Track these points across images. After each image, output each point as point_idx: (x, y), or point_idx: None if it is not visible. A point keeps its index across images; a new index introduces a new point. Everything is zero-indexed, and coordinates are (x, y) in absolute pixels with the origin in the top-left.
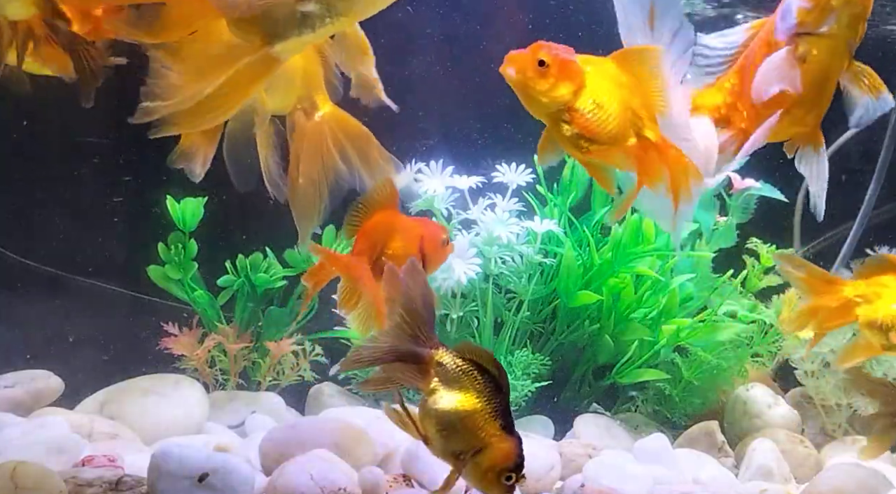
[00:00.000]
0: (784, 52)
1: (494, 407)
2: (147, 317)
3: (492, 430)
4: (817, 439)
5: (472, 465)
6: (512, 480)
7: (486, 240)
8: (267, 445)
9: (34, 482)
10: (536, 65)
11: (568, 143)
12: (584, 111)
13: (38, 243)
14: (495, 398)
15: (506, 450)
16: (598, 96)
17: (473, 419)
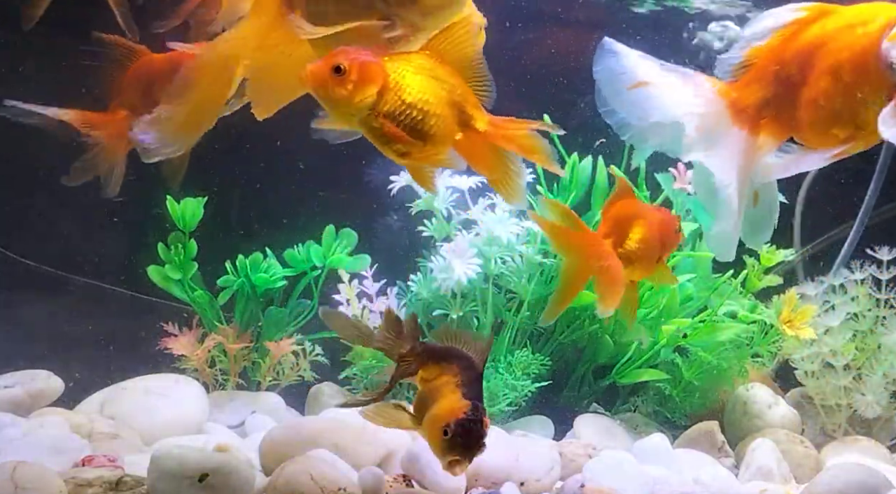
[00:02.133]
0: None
1: (460, 380)
2: (147, 317)
3: (450, 394)
4: (817, 439)
5: (424, 424)
6: (448, 435)
7: (486, 240)
8: (267, 445)
9: (34, 482)
10: (333, 72)
11: (387, 150)
12: (392, 112)
13: (37, 243)
14: (463, 373)
15: (451, 406)
16: (407, 95)
17: (440, 389)
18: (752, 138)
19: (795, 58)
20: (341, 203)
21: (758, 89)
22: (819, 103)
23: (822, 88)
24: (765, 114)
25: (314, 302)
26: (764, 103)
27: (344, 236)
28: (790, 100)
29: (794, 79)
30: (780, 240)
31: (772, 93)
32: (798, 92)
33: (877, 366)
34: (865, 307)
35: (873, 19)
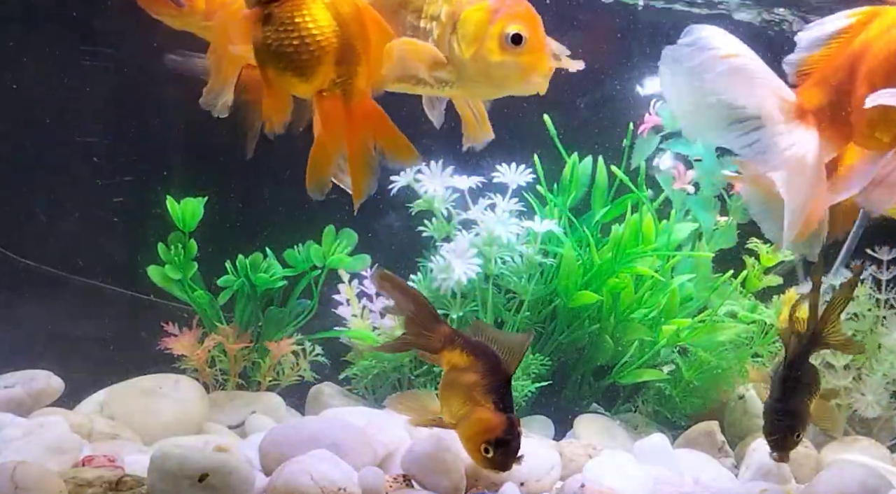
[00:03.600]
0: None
1: (490, 384)
2: (147, 317)
3: (483, 402)
4: (817, 439)
5: (459, 431)
6: (490, 453)
7: (486, 240)
8: (267, 445)
9: (34, 482)
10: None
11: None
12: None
13: (38, 243)
14: (492, 376)
15: (488, 420)
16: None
17: (469, 391)
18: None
19: (845, 63)
20: (341, 203)
21: (816, 95)
22: (862, 111)
23: (864, 93)
24: (823, 120)
25: (314, 302)
26: (822, 110)
27: (344, 236)
28: (843, 106)
29: (844, 85)
30: None
31: (828, 100)
32: (848, 98)
33: (877, 366)
34: (865, 307)
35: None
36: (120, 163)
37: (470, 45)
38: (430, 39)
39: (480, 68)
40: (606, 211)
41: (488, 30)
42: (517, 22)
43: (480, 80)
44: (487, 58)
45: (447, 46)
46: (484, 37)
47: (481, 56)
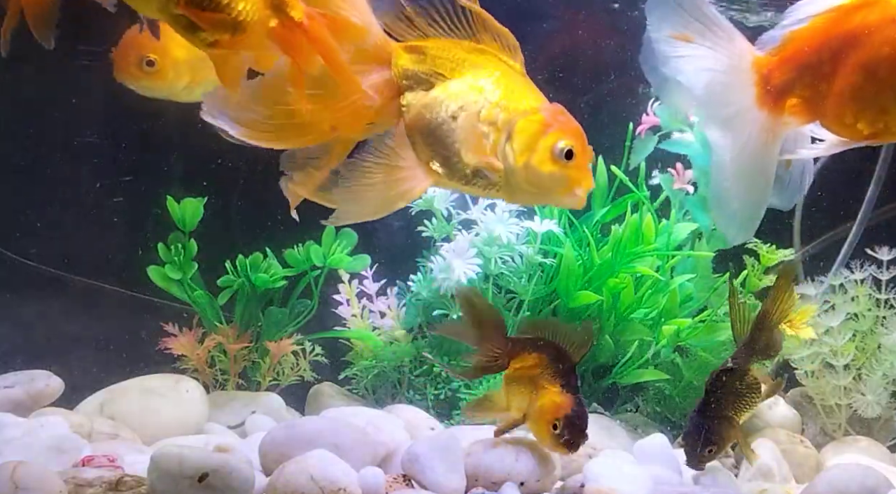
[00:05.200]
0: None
1: (554, 370)
2: (147, 317)
3: (550, 386)
4: (817, 439)
5: (529, 418)
6: (558, 430)
7: (486, 240)
8: (267, 445)
9: (34, 482)
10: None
11: (194, 40)
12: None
13: (38, 243)
14: (556, 363)
15: (555, 400)
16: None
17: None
18: (772, 119)
19: (832, 45)
20: None
21: (790, 69)
22: (849, 96)
23: (853, 82)
24: (793, 95)
25: (314, 302)
26: (793, 84)
27: (344, 236)
28: (821, 87)
29: (827, 67)
30: (781, 241)
31: (803, 76)
32: (830, 81)
33: (877, 366)
34: (865, 307)
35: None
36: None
37: (522, 154)
38: (487, 143)
39: (529, 177)
40: (606, 211)
41: (541, 141)
42: (568, 137)
43: (527, 187)
44: (537, 167)
45: (501, 152)
46: (536, 147)
47: (532, 165)
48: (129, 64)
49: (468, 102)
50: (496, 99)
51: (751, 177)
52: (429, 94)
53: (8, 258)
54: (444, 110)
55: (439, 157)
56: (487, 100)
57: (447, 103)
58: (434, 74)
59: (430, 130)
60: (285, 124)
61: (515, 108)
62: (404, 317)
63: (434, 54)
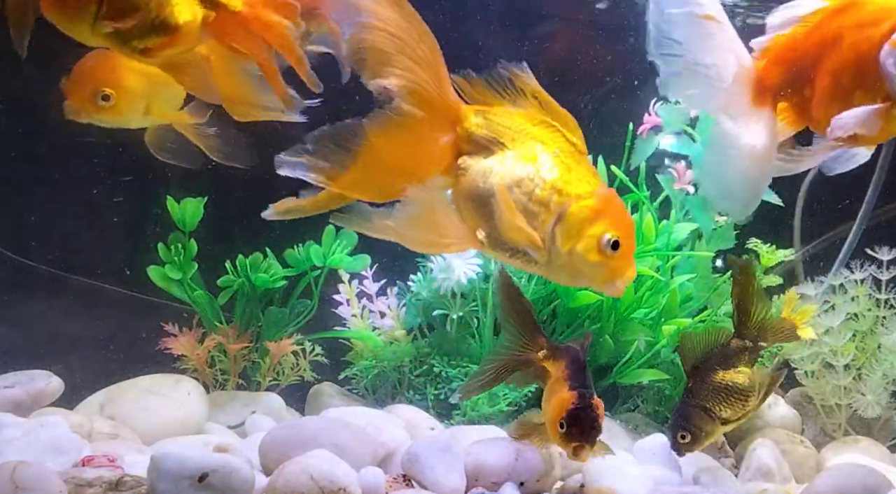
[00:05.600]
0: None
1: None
2: (147, 317)
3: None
4: (817, 439)
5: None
6: (563, 428)
7: None
8: (267, 445)
9: (34, 482)
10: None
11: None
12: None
13: (38, 243)
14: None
15: (559, 400)
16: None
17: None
18: (769, 113)
19: (811, 49)
20: None
21: (777, 74)
22: (824, 101)
23: (827, 86)
24: (781, 99)
25: (314, 302)
26: (780, 89)
27: (344, 236)
28: (805, 92)
29: (807, 71)
30: (781, 241)
31: (788, 81)
32: (812, 85)
33: (877, 366)
34: (865, 307)
35: (883, 20)
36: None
37: (569, 240)
38: (535, 222)
39: (573, 262)
40: None
41: (589, 229)
42: (617, 228)
43: (569, 271)
44: (582, 254)
45: (549, 233)
46: (584, 235)
47: (577, 251)
48: (84, 99)
49: (523, 178)
50: (551, 179)
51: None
52: (485, 162)
53: (8, 258)
54: (496, 183)
55: (486, 227)
56: (543, 178)
57: (501, 176)
58: (495, 142)
59: (481, 200)
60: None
61: (569, 191)
62: (404, 317)
63: (499, 121)
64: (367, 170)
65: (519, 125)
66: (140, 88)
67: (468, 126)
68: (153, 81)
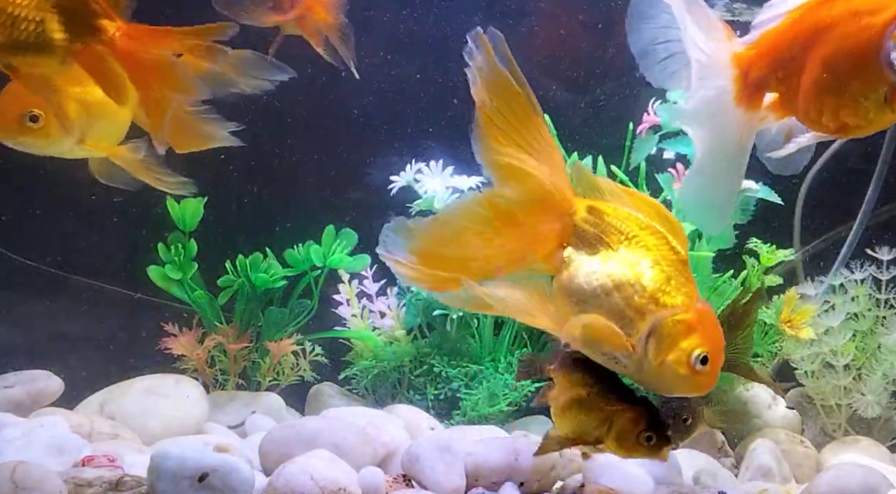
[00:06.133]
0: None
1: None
2: (147, 317)
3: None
4: (817, 439)
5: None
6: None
7: None
8: (267, 445)
9: (34, 482)
10: None
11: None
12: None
13: (38, 243)
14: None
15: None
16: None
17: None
18: (749, 115)
19: (800, 39)
20: (341, 203)
21: (766, 64)
22: (813, 91)
23: (817, 76)
24: (770, 90)
25: (314, 302)
26: (769, 79)
27: (344, 236)
28: (793, 82)
29: (798, 61)
30: (781, 241)
31: (777, 71)
32: (801, 76)
33: (877, 366)
34: (865, 307)
35: (882, 9)
36: None
37: (660, 352)
38: (630, 328)
39: (661, 372)
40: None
41: (681, 343)
42: (708, 345)
43: (656, 379)
44: (671, 367)
45: (640, 341)
46: (675, 348)
47: (667, 363)
48: (9, 119)
49: (624, 283)
50: (651, 288)
51: (725, 170)
52: (589, 261)
53: (8, 258)
54: (598, 283)
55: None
56: (643, 286)
57: (603, 278)
58: (602, 241)
59: (580, 296)
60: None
61: (665, 302)
62: (404, 317)
63: (609, 221)
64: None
65: (627, 228)
66: (74, 114)
67: (578, 220)
68: (90, 110)
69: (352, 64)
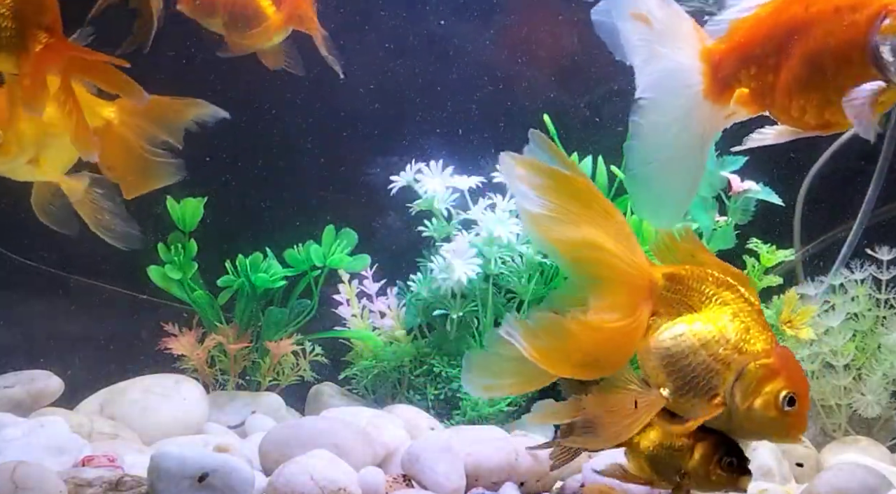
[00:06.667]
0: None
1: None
2: (147, 317)
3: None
4: (817, 439)
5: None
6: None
7: (486, 240)
8: (267, 445)
9: (34, 482)
10: None
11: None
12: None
13: (38, 243)
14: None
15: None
16: None
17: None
18: (716, 111)
19: (777, 35)
20: (341, 203)
21: (738, 59)
22: (795, 88)
23: (798, 73)
24: (741, 85)
25: (314, 302)
26: (741, 75)
27: (344, 236)
28: (768, 77)
29: (773, 58)
30: (781, 241)
31: (750, 67)
32: (776, 72)
33: (877, 366)
34: (865, 307)
35: (865, 5)
36: None
37: (747, 398)
38: (717, 379)
39: (750, 418)
40: None
41: (767, 387)
42: (793, 386)
43: (747, 426)
44: (760, 411)
45: (727, 391)
46: (761, 393)
47: (755, 408)
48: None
49: (709, 342)
50: (734, 340)
51: (686, 164)
52: (675, 325)
53: (8, 258)
54: (686, 344)
55: (672, 386)
56: (726, 339)
57: (690, 338)
58: (684, 304)
59: (670, 359)
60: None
61: (747, 350)
62: (404, 317)
63: (689, 285)
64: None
65: (706, 287)
66: (30, 133)
67: (660, 289)
68: (46, 131)
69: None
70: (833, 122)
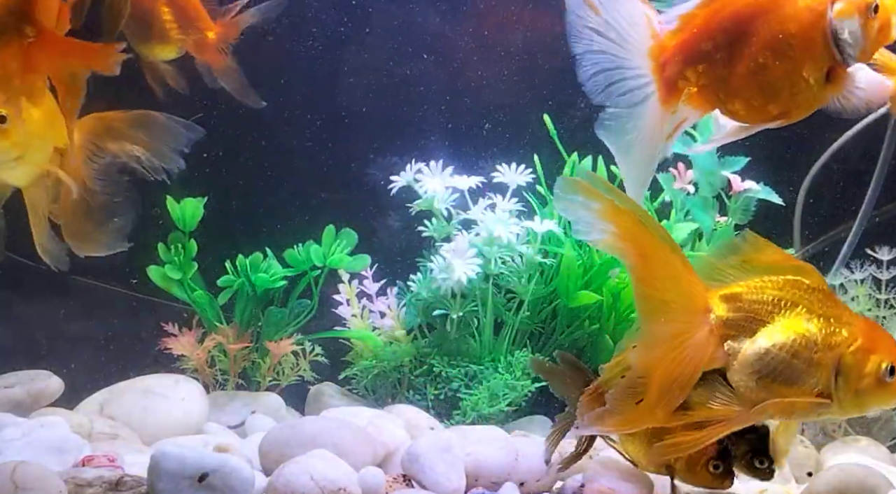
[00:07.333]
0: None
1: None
2: (147, 317)
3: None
4: (817, 439)
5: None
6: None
7: (486, 240)
8: (267, 445)
9: (34, 482)
10: None
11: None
12: None
13: None
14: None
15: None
16: None
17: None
18: (666, 111)
19: (730, 25)
20: (341, 203)
21: (686, 57)
22: (756, 78)
23: (760, 62)
24: (690, 84)
25: (314, 302)
26: (689, 73)
27: (344, 236)
28: (720, 72)
29: (725, 51)
30: (781, 241)
31: (699, 64)
32: (730, 65)
33: None
34: (865, 307)
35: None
36: None
37: (852, 384)
38: (816, 378)
39: (860, 401)
40: None
41: (867, 368)
42: (888, 357)
43: (857, 408)
44: (868, 392)
45: (830, 385)
46: (864, 375)
47: (862, 391)
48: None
49: (797, 350)
50: (820, 338)
51: (635, 165)
52: (756, 342)
53: (8, 258)
54: (776, 360)
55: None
56: (811, 340)
57: (776, 352)
58: (754, 320)
59: (764, 376)
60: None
61: (836, 342)
62: (404, 317)
63: (750, 299)
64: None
65: (769, 296)
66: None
67: (720, 314)
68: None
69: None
70: (792, 109)
